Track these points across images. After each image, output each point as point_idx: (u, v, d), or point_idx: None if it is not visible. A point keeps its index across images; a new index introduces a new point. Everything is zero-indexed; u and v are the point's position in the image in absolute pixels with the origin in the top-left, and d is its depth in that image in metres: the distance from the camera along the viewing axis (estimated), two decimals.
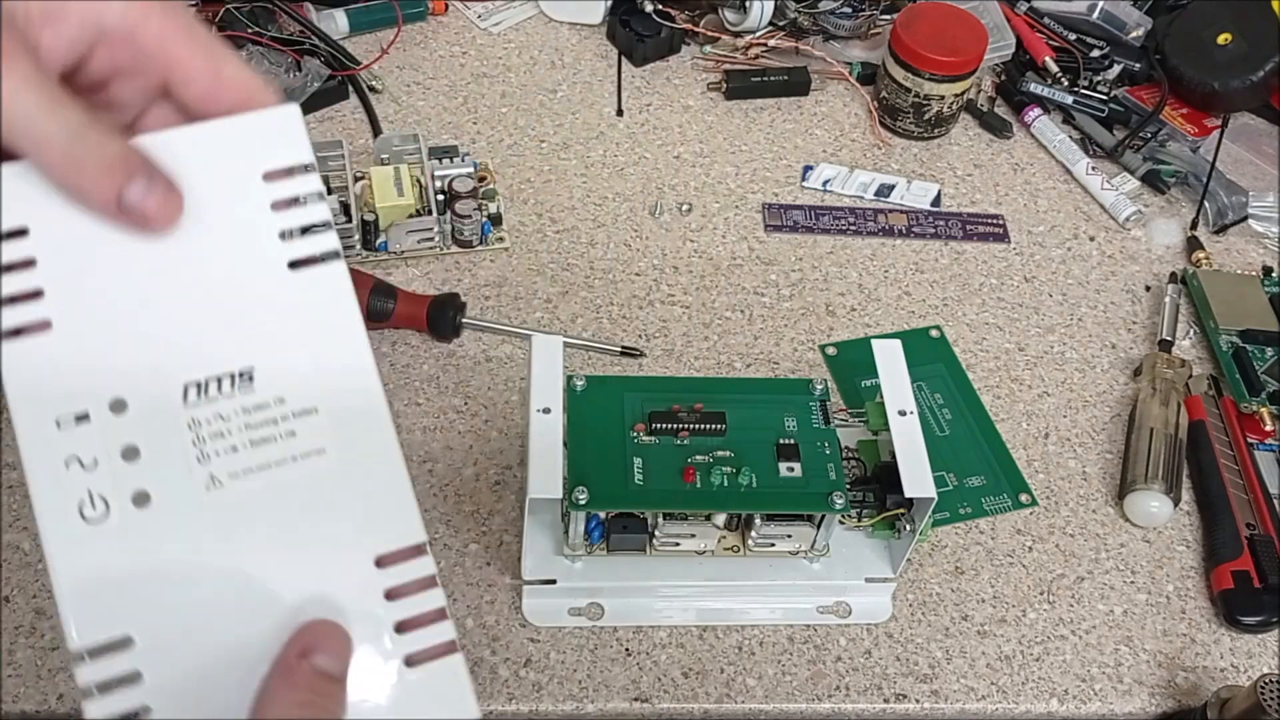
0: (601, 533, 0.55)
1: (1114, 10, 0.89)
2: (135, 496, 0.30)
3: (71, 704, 0.52)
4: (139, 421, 0.30)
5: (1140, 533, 0.63)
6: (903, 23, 0.81)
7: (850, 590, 0.58)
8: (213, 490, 0.30)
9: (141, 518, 0.30)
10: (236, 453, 0.31)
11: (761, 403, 0.57)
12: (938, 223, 0.78)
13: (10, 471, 0.59)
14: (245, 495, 0.30)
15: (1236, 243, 0.79)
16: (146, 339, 0.31)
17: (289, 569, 0.31)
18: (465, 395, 0.65)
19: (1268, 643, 0.59)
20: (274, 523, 0.31)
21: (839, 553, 0.58)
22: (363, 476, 0.32)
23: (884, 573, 0.58)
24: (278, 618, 0.30)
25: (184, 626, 0.30)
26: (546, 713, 0.54)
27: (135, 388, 0.30)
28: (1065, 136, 0.84)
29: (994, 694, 0.56)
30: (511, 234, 0.73)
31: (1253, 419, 0.67)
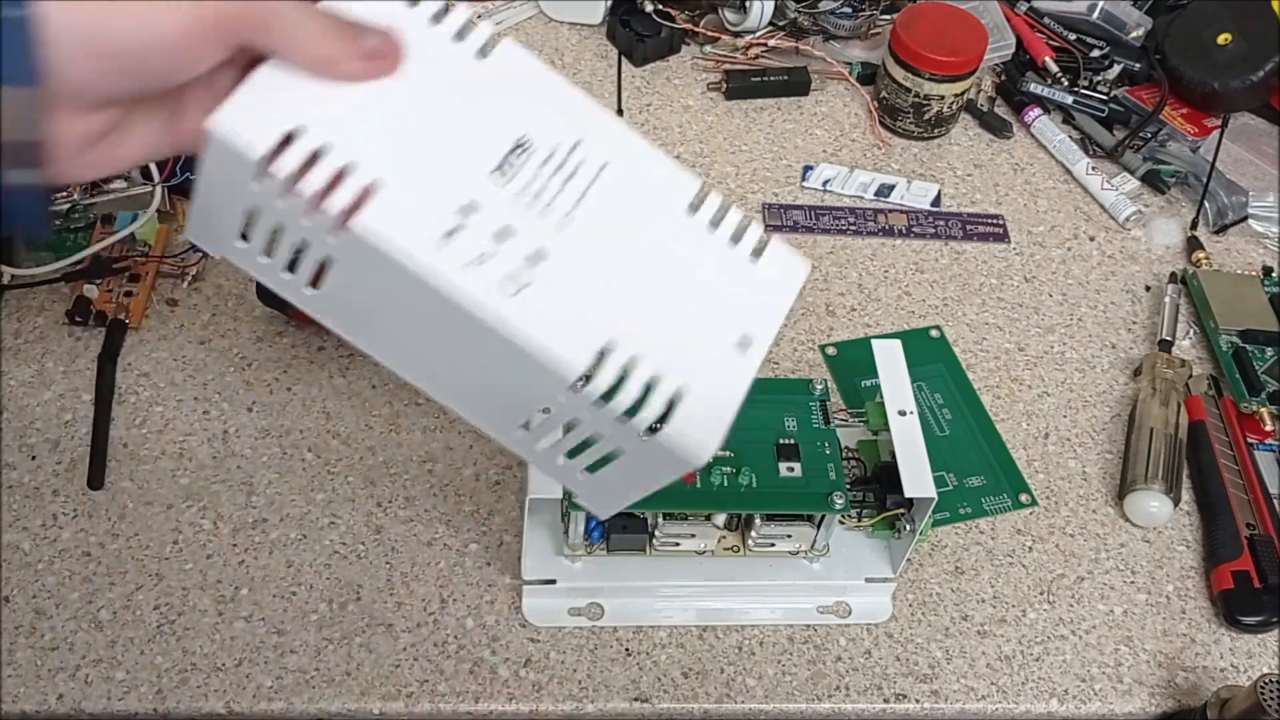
0: (601, 533, 0.55)
1: (1114, 10, 0.89)
2: (530, 257, 0.37)
3: (72, 704, 0.52)
4: (490, 209, 0.37)
5: (1140, 533, 0.63)
6: (903, 23, 0.81)
7: (850, 590, 0.58)
8: (568, 224, 0.38)
9: (547, 268, 0.37)
10: (561, 193, 0.38)
11: (761, 403, 0.57)
12: (938, 223, 0.78)
13: (10, 471, 0.59)
14: (589, 214, 0.39)
15: (1236, 243, 0.79)
16: (443, 152, 0.37)
17: (649, 243, 0.40)
18: None
19: (1268, 643, 0.59)
20: (615, 219, 0.39)
21: (839, 553, 0.58)
22: (637, 161, 0.40)
23: (884, 573, 0.58)
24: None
25: (638, 317, 0.38)
26: (546, 713, 0.54)
27: (467, 189, 0.37)
28: (1065, 136, 0.84)
29: (994, 694, 0.56)
30: None
31: (1253, 419, 0.67)
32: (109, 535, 0.57)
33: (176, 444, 0.61)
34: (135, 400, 0.63)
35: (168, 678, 0.53)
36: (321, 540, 0.58)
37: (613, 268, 0.39)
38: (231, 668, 0.54)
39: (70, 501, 0.58)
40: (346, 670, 0.54)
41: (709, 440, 0.38)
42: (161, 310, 0.67)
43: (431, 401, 0.65)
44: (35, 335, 0.65)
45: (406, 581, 0.57)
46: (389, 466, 0.61)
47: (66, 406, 0.62)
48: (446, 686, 0.54)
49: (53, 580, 0.56)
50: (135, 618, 0.55)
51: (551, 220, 0.38)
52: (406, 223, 0.35)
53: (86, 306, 0.65)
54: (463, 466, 0.62)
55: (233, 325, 0.67)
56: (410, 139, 0.37)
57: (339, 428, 0.63)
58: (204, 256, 0.69)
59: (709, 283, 0.40)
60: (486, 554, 0.58)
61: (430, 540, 0.59)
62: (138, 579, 0.56)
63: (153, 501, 0.59)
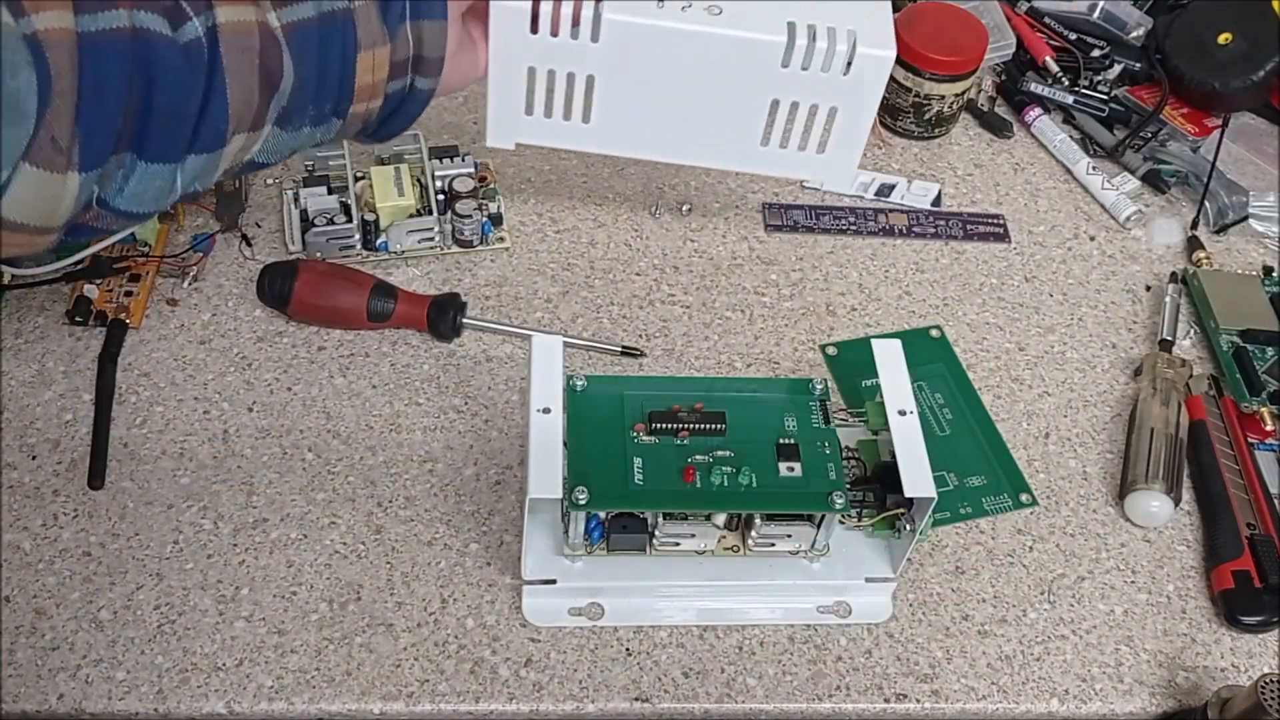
0: (601, 533, 0.55)
1: (1114, 10, 0.89)
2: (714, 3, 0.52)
3: (72, 704, 0.52)
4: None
5: (1141, 532, 0.63)
6: (903, 23, 0.81)
7: (850, 590, 0.58)
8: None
9: (727, 6, 0.52)
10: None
11: (761, 402, 0.57)
12: (938, 222, 0.78)
13: (10, 471, 0.59)
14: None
15: (1237, 242, 0.79)
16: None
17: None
18: (465, 395, 0.65)
19: (1268, 642, 0.59)
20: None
21: (839, 553, 0.58)
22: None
23: (884, 572, 0.58)
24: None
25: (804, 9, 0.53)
26: (547, 713, 0.54)
27: None
28: (1066, 136, 0.84)
29: (994, 694, 0.56)
30: (512, 234, 0.73)
31: (1253, 419, 0.67)
32: (109, 535, 0.57)
33: (177, 444, 0.61)
34: (135, 400, 0.63)
35: (168, 678, 0.53)
36: (322, 540, 0.58)
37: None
38: (232, 667, 0.54)
39: (71, 501, 0.58)
40: (347, 670, 0.54)
41: (887, 39, 0.53)
42: (162, 310, 0.67)
43: (432, 401, 0.65)
44: (35, 335, 0.65)
45: (407, 581, 0.57)
46: (389, 466, 0.61)
47: (67, 406, 0.62)
48: (447, 686, 0.54)
49: (53, 580, 0.56)
50: (136, 618, 0.55)
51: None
52: (632, 5, 0.51)
53: (87, 306, 0.65)
54: (463, 466, 0.62)
55: (233, 325, 0.67)
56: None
57: (339, 428, 0.63)
58: (204, 256, 0.69)
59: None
60: (487, 554, 0.58)
61: (431, 540, 0.59)
62: (138, 579, 0.56)
63: (153, 501, 0.59)
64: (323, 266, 0.66)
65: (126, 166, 0.40)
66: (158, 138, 0.39)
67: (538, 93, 0.54)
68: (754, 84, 0.54)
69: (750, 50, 0.52)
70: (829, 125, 0.56)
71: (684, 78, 0.54)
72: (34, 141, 0.36)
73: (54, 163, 0.37)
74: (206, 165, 0.42)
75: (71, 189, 0.38)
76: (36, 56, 0.35)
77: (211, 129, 0.41)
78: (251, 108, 0.42)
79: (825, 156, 0.57)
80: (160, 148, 0.40)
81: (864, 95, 0.55)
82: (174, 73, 0.38)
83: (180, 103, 0.39)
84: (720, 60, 0.53)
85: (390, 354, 0.67)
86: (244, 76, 0.41)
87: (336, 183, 0.71)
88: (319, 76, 0.43)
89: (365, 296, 0.65)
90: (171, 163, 0.41)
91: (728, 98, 0.55)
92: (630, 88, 0.54)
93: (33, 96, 0.35)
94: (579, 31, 0.51)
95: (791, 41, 0.52)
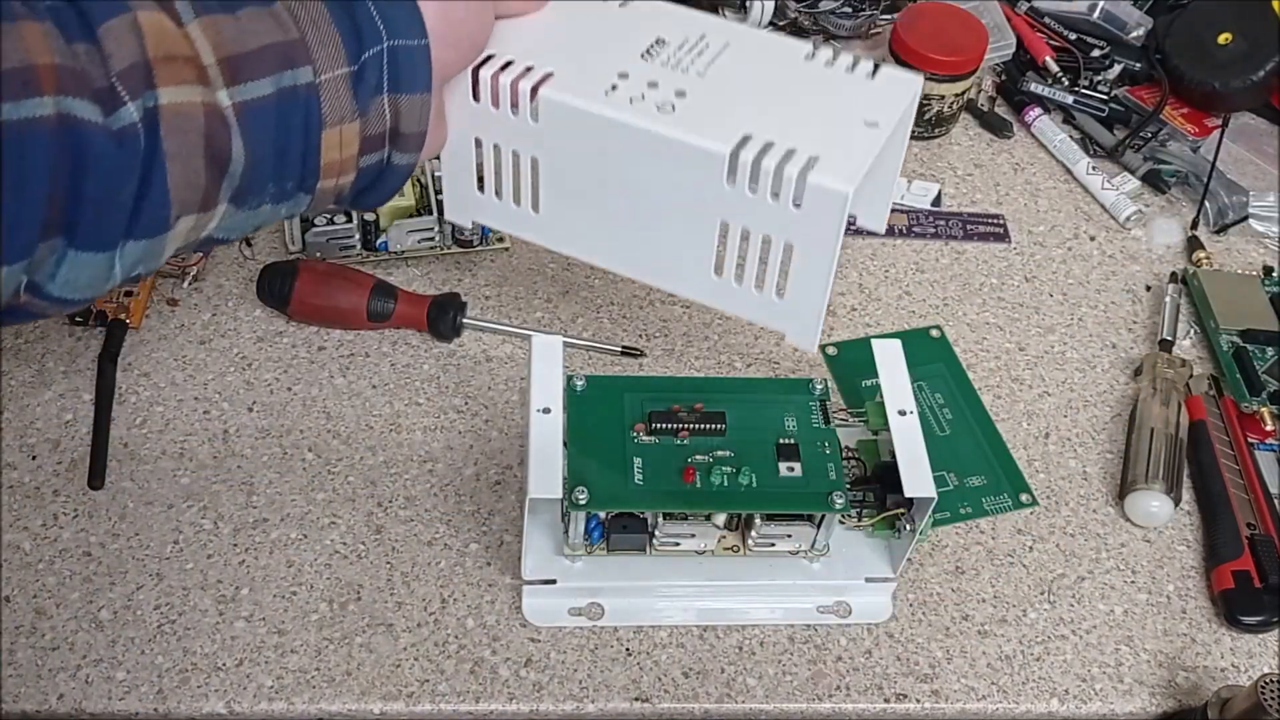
0: (601, 533, 0.55)
1: (1114, 10, 0.89)
2: (677, 93, 0.47)
3: (72, 704, 0.52)
4: (640, 73, 0.47)
5: (1141, 532, 0.63)
6: (903, 23, 0.81)
7: (850, 590, 0.58)
8: (705, 75, 0.48)
9: (690, 100, 0.46)
10: (695, 60, 0.48)
11: (761, 403, 0.57)
12: (938, 222, 0.78)
13: (10, 471, 0.59)
14: (721, 69, 0.48)
15: (1237, 242, 0.79)
16: (599, 48, 0.48)
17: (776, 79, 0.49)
18: (465, 395, 0.65)
19: (1268, 642, 0.59)
20: (744, 69, 0.48)
21: (839, 553, 0.58)
22: (755, 36, 0.50)
23: (884, 573, 0.58)
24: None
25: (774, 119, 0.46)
26: (547, 713, 0.54)
27: (622, 64, 0.48)
28: (1065, 136, 0.84)
29: (994, 694, 0.56)
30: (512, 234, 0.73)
31: (1253, 419, 0.67)
32: (109, 535, 0.57)
33: (177, 444, 0.61)
34: (135, 400, 0.63)
35: (168, 678, 0.53)
36: (322, 540, 0.58)
37: (746, 94, 0.47)
38: (232, 667, 0.54)
39: (71, 501, 0.58)
40: (347, 670, 0.54)
41: (852, 174, 0.44)
42: (162, 310, 0.67)
43: (432, 401, 0.65)
44: (35, 335, 0.65)
45: (407, 581, 0.57)
46: (389, 466, 0.61)
47: (67, 406, 0.62)
48: (447, 686, 0.54)
49: (53, 580, 0.56)
50: (136, 618, 0.55)
51: (691, 75, 0.48)
52: (578, 87, 0.47)
53: (87, 306, 0.65)
54: (463, 466, 0.62)
55: (233, 325, 0.67)
56: (573, 46, 0.48)
57: (339, 428, 0.63)
58: (204, 256, 0.69)
59: (833, 95, 0.48)
60: (487, 554, 0.58)
61: (431, 540, 0.59)
62: (138, 579, 0.56)
63: (153, 501, 0.59)
64: (323, 266, 0.66)
65: (58, 253, 0.37)
66: (89, 225, 0.37)
67: (488, 169, 0.51)
68: (699, 199, 0.47)
69: (695, 159, 0.45)
70: (785, 266, 0.47)
71: (630, 178, 0.48)
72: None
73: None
74: (149, 250, 0.40)
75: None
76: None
77: (151, 214, 0.38)
78: (199, 190, 0.39)
79: (785, 303, 0.49)
80: (93, 236, 0.37)
81: (817, 232, 0.45)
82: (105, 160, 0.36)
83: (113, 190, 0.37)
84: (667, 165, 0.46)
85: (390, 354, 0.67)
86: (187, 159, 0.38)
87: None
88: (277, 155, 0.41)
89: (365, 296, 0.65)
90: (107, 250, 0.38)
91: (676, 212, 0.48)
92: (577, 180, 0.49)
93: None
94: (518, 109, 0.47)
95: (738, 155, 0.44)
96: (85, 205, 0.36)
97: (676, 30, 0.50)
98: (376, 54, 0.42)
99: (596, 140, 0.47)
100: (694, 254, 0.49)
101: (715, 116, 0.46)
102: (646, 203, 0.49)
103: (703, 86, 0.47)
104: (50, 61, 0.35)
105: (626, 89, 0.46)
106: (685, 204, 0.47)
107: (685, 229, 0.49)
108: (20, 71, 0.34)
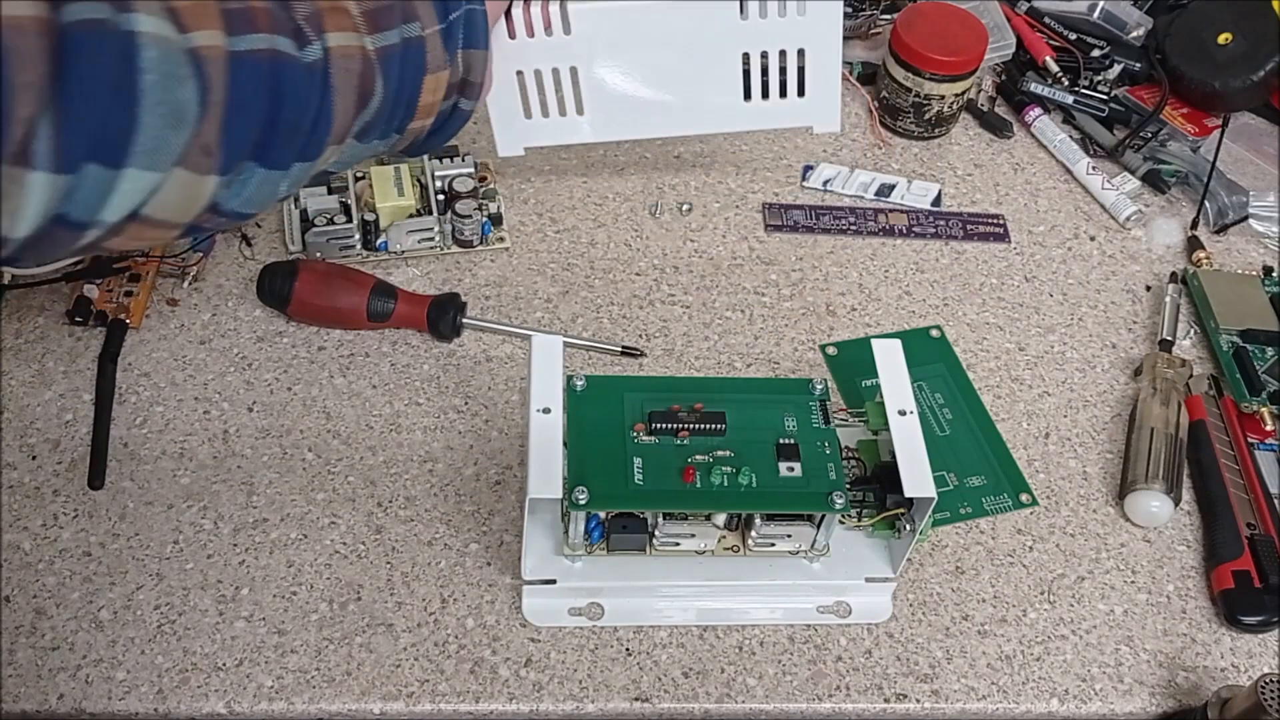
0: (601, 533, 0.55)
1: (1114, 10, 0.89)
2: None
3: (72, 704, 0.52)
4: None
5: (1140, 532, 0.63)
6: (903, 22, 0.81)
7: (850, 590, 0.58)
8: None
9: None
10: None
11: (761, 402, 0.57)
12: (938, 222, 0.78)
13: (10, 471, 0.59)
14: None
15: (1237, 242, 0.79)
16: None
17: None
18: (465, 395, 0.65)
19: (1268, 642, 0.59)
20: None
21: (839, 553, 0.58)
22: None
23: (884, 572, 0.58)
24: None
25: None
26: (547, 713, 0.54)
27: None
28: (1065, 136, 0.84)
29: (994, 694, 0.56)
30: (511, 234, 0.73)
31: (1253, 419, 0.67)
32: (109, 535, 0.57)
33: (177, 444, 0.61)
34: (135, 400, 0.63)
35: (168, 678, 0.53)
36: (322, 540, 0.58)
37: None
38: (232, 667, 0.54)
39: (71, 501, 0.58)
40: (347, 670, 0.54)
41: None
42: (162, 310, 0.67)
43: (432, 401, 0.65)
44: (35, 335, 0.65)
45: (407, 581, 0.57)
46: (389, 466, 0.61)
47: (67, 406, 0.62)
48: (447, 686, 0.54)
49: (53, 580, 0.56)
50: (136, 618, 0.55)
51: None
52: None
53: (87, 306, 0.65)
54: (463, 466, 0.62)
55: (233, 325, 0.67)
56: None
57: (339, 428, 0.63)
58: (204, 256, 0.69)
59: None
60: (487, 554, 0.58)
61: (431, 540, 0.59)
62: (138, 579, 0.56)
63: (153, 501, 0.59)
64: (323, 266, 0.66)
65: (246, 172, 0.43)
66: (277, 147, 0.44)
67: (531, 94, 0.60)
68: (721, 42, 0.60)
69: (709, 11, 0.59)
70: (801, 66, 0.61)
71: (657, 50, 0.59)
72: (188, 147, 0.40)
73: (200, 166, 0.41)
74: (303, 173, 0.46)
75: (207, 191, 0.42)
76: (196, 70, 0.39)
77: (317, 141, 0.45)
78: (346, 122, 0.46)
79: (807, 100, 0.62)
80: (278, 156, 0.44)
81: (826, 30, 0.60)
82: (299, 90, 0.43)
83: (300, 116, 0.44)
84: (685, 26, 0.59)
85: (390, 354, 0.67)
86: (345, 94, 0.45)
87: (336, 183, 0.71)
88: (396, 95, 0.49)
89: (365, 296, 0.65)
90: (283, 169, 0.45)
91: (702, 61, 0.60)
92: (611, 71, 0.60)
93: (194, 106, 0.39)
94: (552, 30, 0.57)
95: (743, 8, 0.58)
96: (279, 129, 0.43)
97: None
98: (458, 16, 0.50)
99: (628, 30, 0.58)
100: (724, 90, 0.61)
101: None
102: (679, 66, 0.60)
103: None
104: (262, 4, 0.42)
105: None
106: (709, 51, 0.60)
107: (713, 72, 0.61)
108: (242, 11, 0.41)
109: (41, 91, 0.35)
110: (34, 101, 0.35)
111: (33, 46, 0.34)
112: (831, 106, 0.63)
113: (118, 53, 0.37)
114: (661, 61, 0.60)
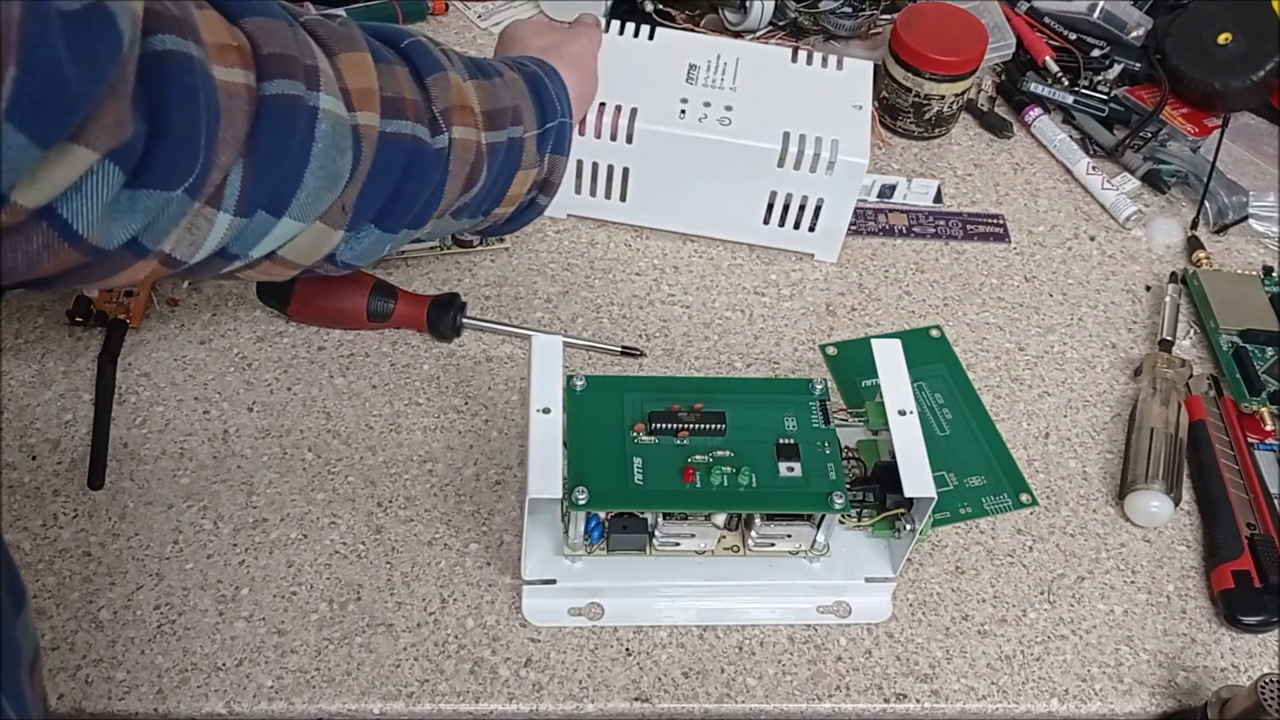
0: (601, 533, 0.55)
1: (1114, 10, 0.89)
2: (726, 108, 0.69)
3: (72, 704, 0.52)
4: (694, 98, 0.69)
5: (1140, 532, 0.63)
6: (903, 23, 0.81)
7: (850, 590, 0.58)
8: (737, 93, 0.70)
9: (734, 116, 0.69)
10: (724, 79, 0.71)
11: (761, 403, 0.57)
12: (938, 222, 0.78)
13: (10, 471, 0.59)
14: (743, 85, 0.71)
15: (1237, 242, 0.79)
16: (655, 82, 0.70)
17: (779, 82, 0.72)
18: (465, 395, 0.65)
19: (1268, 642, 0.59)
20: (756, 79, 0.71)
21: (839, 553, 0.58)
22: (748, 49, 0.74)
23: (884, 573, 0.58)
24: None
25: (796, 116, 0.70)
26: (547, 713, 0.54)
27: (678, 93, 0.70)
28: (1065, 136, 0.84)
29: (994, 694, 0.56)
30: (511, 234, 0.73)
31: (1253, 419, 0.67)
32: (109, 535, 0.57)
33: (177, 444, 0.61)
34: (135, 400, 0.63)
35: (168, 678, 0.53)
36: (322, 540, 0.58)
37: (770, 99, 0.70)
38: (232, 668, 0.54)
39: (70, 501, 0.58)
40: (347, 670, 0.54)
41: (863, 149, 0.68)
42: (162, 310, 0.67)
43: (432, 401, 0.65)
44: (35, 335, 0.65)
45: (407, 581, 0.57)
46: (389, 466, 0.61)
47: (67, 406, 0.62)
48: (447, 686, 0.54)
49: (53, 580, 0.56)
50: (135, 618, 0.55)
51: (727, 91, 0.70)
52: (659, 116, 0.68)
53: (87, 306, 0.65)
54: (463, 466, 0.62)
55: (233, 325, 0.67)
56: (636, 81, 0.69)
57: (339, 428, 0.63)
58: None
59: (824, 87, 0.71)
60: (487, 554, 0.58)
61: (431, 540, 0.59)
62: (138, 579, 0.56)
63: (153, 501, 0.59)
64: None
65: (366, 231, 0.50)
66: (396, 214, 0.50)
67: (585, 178, 0.70)
68: (756, 178, 0.69)
69: (753, 154, 0.68)
70: (817, 211, 0.70)
71: (700, 171, 0.69)
72: (333, 205, 0.46)
73: (335, 221, 0.47)
74: (406, 238, 0.53)
75: (333, 242, 0.48)
76: (355, 144, 0.46)
77: (426, 213, 0.52)
78: (451, 202, 0.53)
79: (816, 235, 0.72)
80: (393, 222, 0.50)
81: (843, 189, 0.69)
82: (425, 170, 0.50)
83: (420, 191, 0.50)
84: (729, 160, 0.68)
85: (390, 354, 0.67)
86: (458, 179, 0.52)
87: None
88: (492, 183, 0.56)
89: (365, 296, 0.65)
90: (394, 233, 0.51)
91: (736, 189, 0.69)
92: (657, 177, 0.70)
93: (346, 173, 0.46)
94: (617, 137, 0.67)
95: (785, 148, 0.67)
96: (401, 200, 0.50)
97: (698, 55, 0.72)
98: (553, 125, 0.59)
99: (679, 151, 0.68)
100: (748, 214, 0.71)
101: (759, 122, 0.68)
102: (715, 186, 0.69)
103: (739, 100, 0.69)
104: (412, 97, 0.49)
105: (692, 112, 0.68)
106: (744, 183, 0.69)
107: (743, 199, 0.70)
108: (395, 100, 0.48)
109: (240, 146, 0.41)
110: (233, 153, 0.40)
111: (239, 108, 0.40)
112: (834, 244, 0.73)
113: (303, 124, 0.43)
114: (702, 181, 0.69)
